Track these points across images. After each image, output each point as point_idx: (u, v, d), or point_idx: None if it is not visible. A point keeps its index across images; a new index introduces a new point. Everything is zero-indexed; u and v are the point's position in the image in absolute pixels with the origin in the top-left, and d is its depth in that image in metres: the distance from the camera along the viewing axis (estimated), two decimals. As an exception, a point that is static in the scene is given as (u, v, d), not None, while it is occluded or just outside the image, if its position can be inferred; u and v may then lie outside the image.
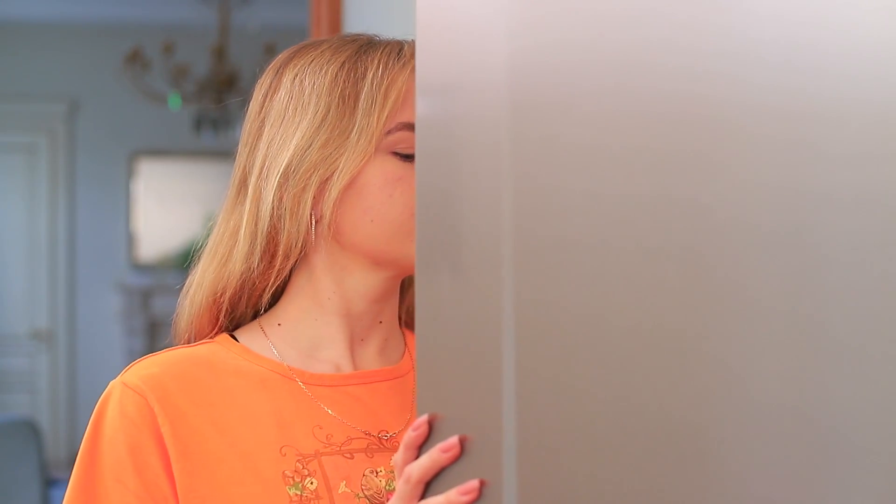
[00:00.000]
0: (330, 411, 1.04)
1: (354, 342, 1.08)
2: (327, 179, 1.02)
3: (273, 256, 1.04)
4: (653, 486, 0.61)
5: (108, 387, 1.02)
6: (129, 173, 7.10)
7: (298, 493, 0.99)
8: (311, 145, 1.02)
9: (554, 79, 0.67)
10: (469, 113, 0.74)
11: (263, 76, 1.09)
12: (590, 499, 0.66)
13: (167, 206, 6.99)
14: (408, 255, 1.02)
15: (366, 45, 1.06)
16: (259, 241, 1.03)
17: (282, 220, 1.03)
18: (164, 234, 6.92)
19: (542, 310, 0.68)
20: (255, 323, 1.09)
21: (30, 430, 4.19)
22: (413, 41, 1.04)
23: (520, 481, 0.71)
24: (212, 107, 5.88)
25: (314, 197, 1.02)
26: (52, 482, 4.32)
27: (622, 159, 0.63)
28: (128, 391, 1.00)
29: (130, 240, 7.09)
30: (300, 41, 1.14)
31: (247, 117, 1.09)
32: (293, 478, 0.99)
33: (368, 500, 1.01)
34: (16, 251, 6.91)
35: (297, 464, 1.00)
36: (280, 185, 1.02)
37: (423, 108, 0.77)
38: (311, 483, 1.00)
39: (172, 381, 1.01)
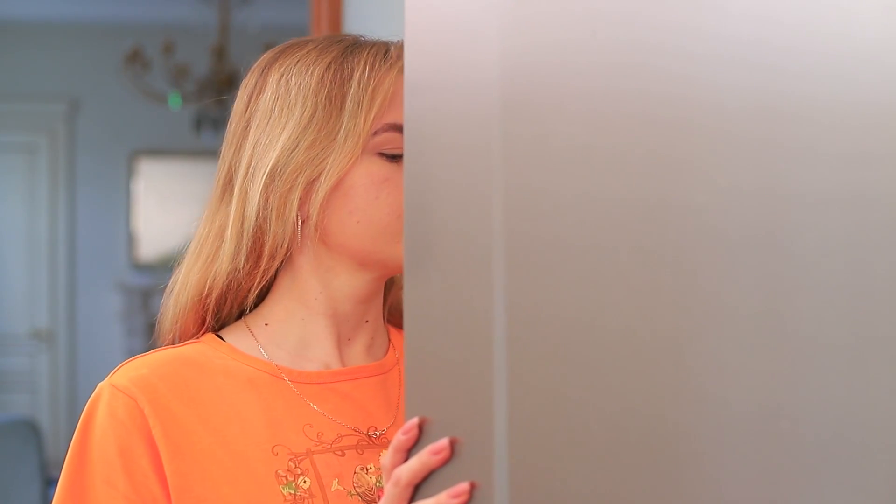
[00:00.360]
0: (319, 409, 1.04)
1: (342, 342, 1.08)
2: (314, 180, 1.02)
3: (259, 257, 1.04)
4: (644, 488, 0.61)
5: (97, 389, 1.02)
6: (129, 173, 7.10)
7: (292, 492, 0.99)
8: (297, 146, 1.02)
9: (545, 79, 0.67)
10: (459, 113, 0.73)
11: (248, 76, 1.10)
12: (581, 500, 0.65)
13: (167, 206, 6.99)
14: (393, 256, 1.03)
15: (352, 46, 1.06)
16: (245, 241, 1.04)
17: (268, 221, 1.03)
18: (164, 234, 6.91)
19: (533, 311, 0.68)
20: (240, 322, 1.09)
21: (30, 429, 4.19)
22: (399, 42, 1.05)
23: (511, 483, 0.70)
24: (212, 106, 5.88)
25: (300, 198, 1.03)
26: (52, 482, 4.31)
27: (612, 160, 0.62)
28: (117, 393, 1.00)
29: (130, 240, 7.09)
30: (300, 41, 1.14)
31: (231, 117, 1.09)
32: (286, 477, 1.00)
33: (361, 497, 1.01)
34: (16, 251, 6.91)
35: (290, 463, 1.00)
36: (266, 186, 1.02)
37: (411, 108, 0.76)
38: (305, 482, 1.00)
39: (162, 382, 1.01)
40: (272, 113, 1.04)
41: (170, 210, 6.99)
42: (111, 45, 6.72)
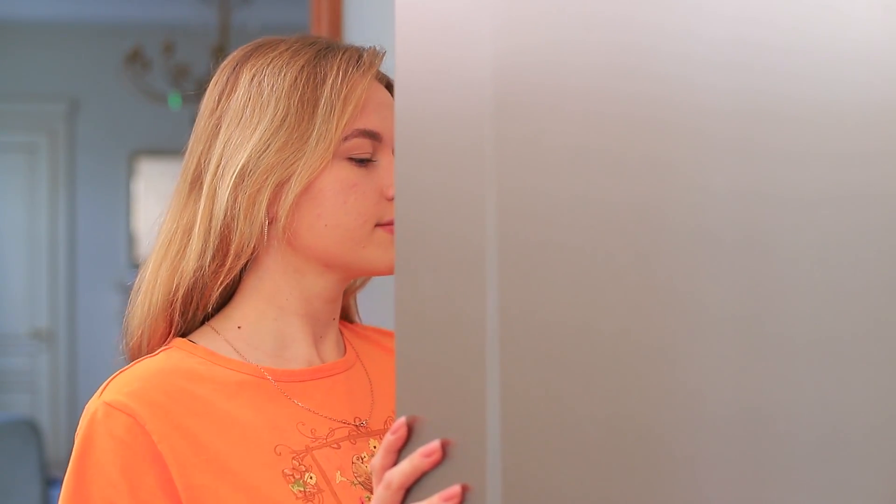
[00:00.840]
0: (306, 406, 1.06)
1: (316, 339, 1.10)
2: (283, 182, 1.03)
3: (225, 256, 1.05)
4: (636, 490, 0.61)
5: (90, 408, 1.00)
6: (130, 173, 7.10)
7: (301, 489, 1.00)
8: (268, 147, 1.03)
9: (537, 79, 0.67)
10: (450, 113, 0.73)
11: (218, 73, 1.10)
12: (574, 502, 0.65)
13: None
14: (358, 260, 1.05)
15: (324, 50, 1.07)
16: (212, 239, 1.04)
17: (235, 220, 1.03)
18: (164, 233, 6.90)
19: (525, 312, 0.68)
20: (206, 327, 1.08)
21: (30, 429, 4.18)
22: (372, 48, 1.08)
23: (504, 485, 0.70)
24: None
25: (269, 199, 1.03)
26: (52, 482, 4.31)
27: (605, 162, 0.62)
28: (114, 411, 0.98)
29: (130, 239, 7.09)
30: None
31: (201, 112, 1.09)
32: (293, 475, 1.01)
33: (363, 486, 1.03)
34: (16, 251, 6.91)
35: (294, 461, 1.01)
36: (235, 185, 1.03)
37: (402, 108, 0.76)
38: (311, 478, 1.01)
39: (158, 394, 1.00)
40: (244, 112, 1.05)
41: (170, 210, 6.98)
42: (111, 45, 6.72)
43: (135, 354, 1.09)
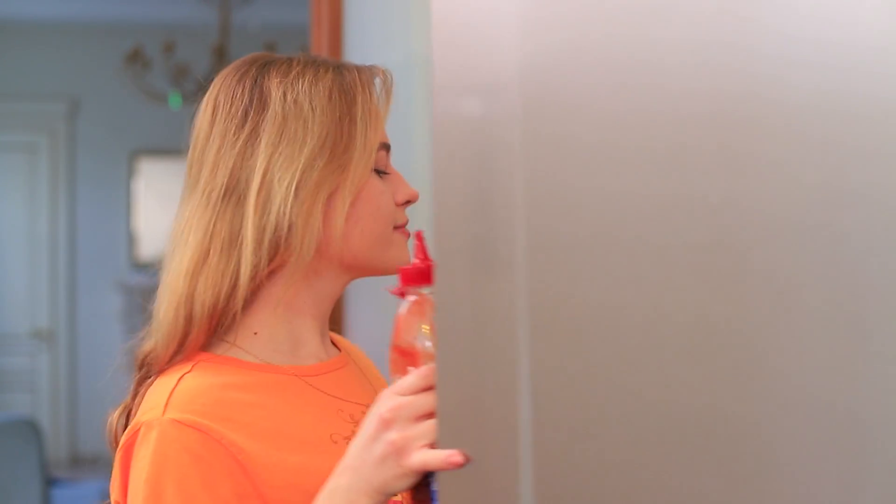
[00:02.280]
0: (336, 395, 1.12)
1: (321, 337, 1.17)
2: (333, 194, 1.09)
3: (266, 265, 1.09)
4: (671, 492, 0.61)
5: (154, 427, 1.01)
6: (130, 172, 7.10)
7: None
8: (316, 162, 1.08)
9: (567, 78, 0.68)
10: (483, 114, 0.74)
11: (232, 87, 1.13)
12: (609, 500, 0.66)
13: (168, 206, 6.95)
14: (382, 260, 1.13)
15: (339, 67, 1.15)
16: (264, 251, 1.08)
17: (293, 231, 1.07)
18: (165, 234, 6.89)
19: (559, 308, 0.68)
20: (219, 340, 1.11)
21: (30, 429, 4.18)
22: (376, 67, 1.16)
23: (536, 480, 0.71)
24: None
25: (323, 211, 1.08)
26: (52, 481, 4.31)
27: (636, 158, 0.63)
28: (186, 428, 1.00)
29: (131, 239, 7.09)
30: (300, 40, 1.19)
31: (224, 127, 1.11)
32: None
33: None
34: (16, 251, 6.91)
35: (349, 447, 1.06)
36: (292, 200, 1.07)
37: (440, 109, 0.77)
38: None
39: (221, 408, 1.03)
40: (284, 128, 1.09)
41: (170, 209, 6.92)
42: (111, 44, 6.72)
43: (153, 360, 1.11)
